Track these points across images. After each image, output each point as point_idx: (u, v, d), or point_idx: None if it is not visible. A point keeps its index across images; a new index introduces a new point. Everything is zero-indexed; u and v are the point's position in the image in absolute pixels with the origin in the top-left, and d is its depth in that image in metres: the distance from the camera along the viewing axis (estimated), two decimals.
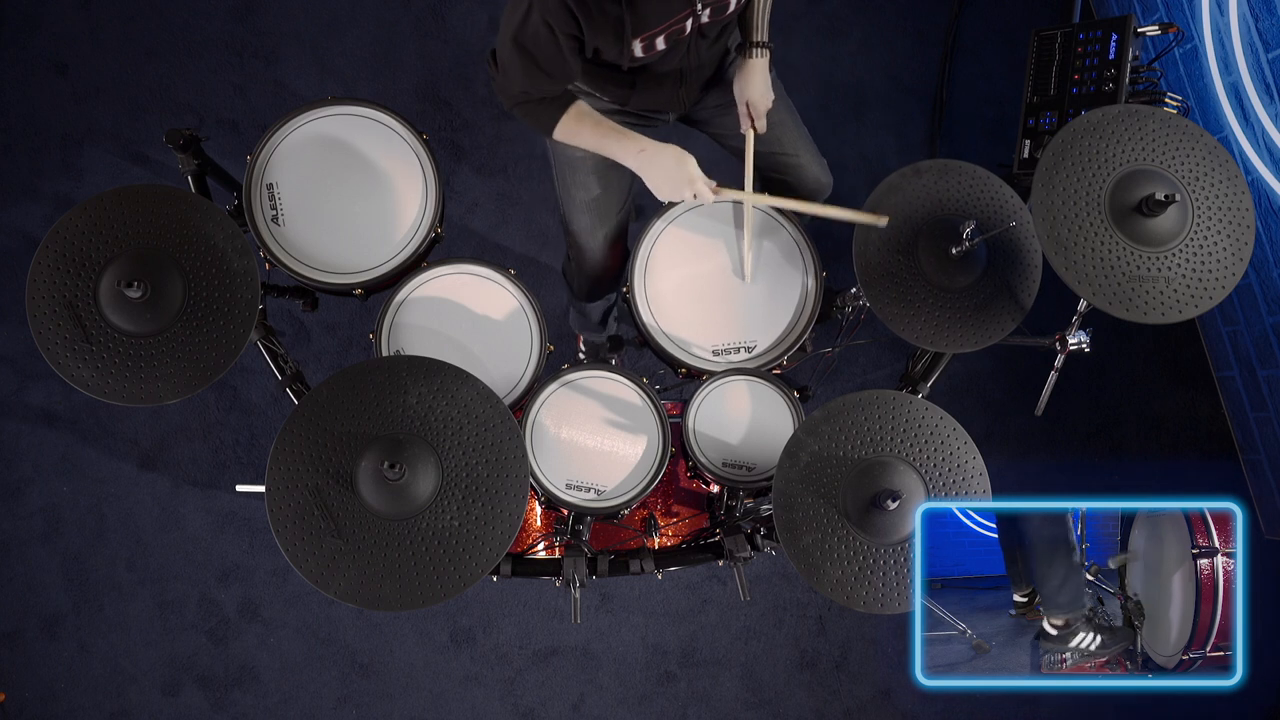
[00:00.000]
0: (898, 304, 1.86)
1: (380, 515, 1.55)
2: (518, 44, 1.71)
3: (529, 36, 1.68)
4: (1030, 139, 2.53)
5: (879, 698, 2.99)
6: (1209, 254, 1.69)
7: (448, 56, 3.14)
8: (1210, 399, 3.17)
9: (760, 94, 2.01)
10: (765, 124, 2.05)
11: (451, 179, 3.08)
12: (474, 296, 2.01)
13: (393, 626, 2.92)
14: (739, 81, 2.02)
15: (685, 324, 2.05)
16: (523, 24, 1.67)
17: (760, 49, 1.98)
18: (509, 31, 1.71)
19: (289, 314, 2.99)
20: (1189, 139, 1.73)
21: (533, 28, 1.67)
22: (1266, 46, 2.51)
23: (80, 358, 1.68)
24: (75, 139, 3.02)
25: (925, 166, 1.90)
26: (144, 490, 2.92)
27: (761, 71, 1.99)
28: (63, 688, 2.86)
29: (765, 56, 1.99)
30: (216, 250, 1.73)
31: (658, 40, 1.74)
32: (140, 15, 3.09)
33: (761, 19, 1.96)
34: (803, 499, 1.61)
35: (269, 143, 1.99)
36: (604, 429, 1.97)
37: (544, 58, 1.72)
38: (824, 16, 3.25)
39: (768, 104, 2.03)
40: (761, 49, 1.98)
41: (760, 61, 1.98)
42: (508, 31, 1.72)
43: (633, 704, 2.95)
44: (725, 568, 2.37)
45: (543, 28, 1.66)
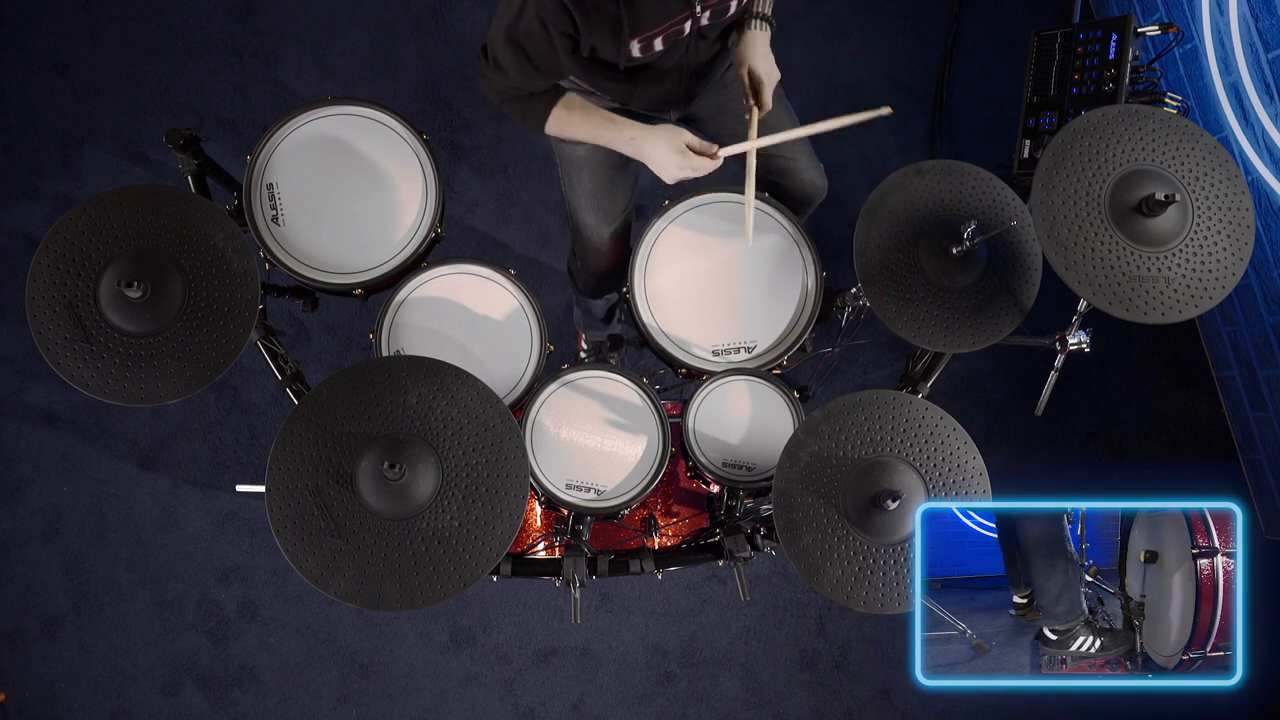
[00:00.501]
0: (898, 304, 1.86)
1: (380, 515, 1.55)
2: (510, 39, 1.70)
3: (522, 32, 1.68)
4: (1030, 139, 2.53)
5: (879, 698, 2.99)
6: (1209, 254, 1.69)
7: (448, 56, 3.14)
8: (1210, 399, 3.17)
9: (763, 66, 1.91)
10: (770, 101, 1.94)
11: (451, 179, 3.08)
12: (474, 296, 2.01)
13: (393, 626, 2.92)
14: (741, 52, 1.93)
15: (685, 324, 2.05)
16: (517, 19, 1.67)
17: (762, 21, 1.91)
18: (501, 26, 1.71)
19: (289, 314, 2.99)
20: (1189, 139, 1.73)
21: (526, 23, 1.66)
22: (1266, 46, 2.51)
23: (80, 358, 1.68)
24: (75, 139, 3.02)
25: (927, 166, 1.90)
26: (144, 490, 2.92)
27: (762, 43, 1.92)
28: (63, 688, 2.86)
29: (767, 30, 1.92)
30: (216, 250, 1.73)
31: (656, 41, 1.74)
32: (140, 15, 3.09)
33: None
34: (803, 499, 1.61)
35: (269, 143, 1.99)
36: (604, 429, 1.97)
37: (537, 54, 1.72)
38: (824, 16, 3.25)
39: (773, 78, 1.94)
40: (763, 21, 1.91)
41: (762, 34, 1.92)
42: (500, 26, 1.71)
43: (633, 704, 2.95)
44: (725, 568, 2.37)
45: (536, 24, 1.65)
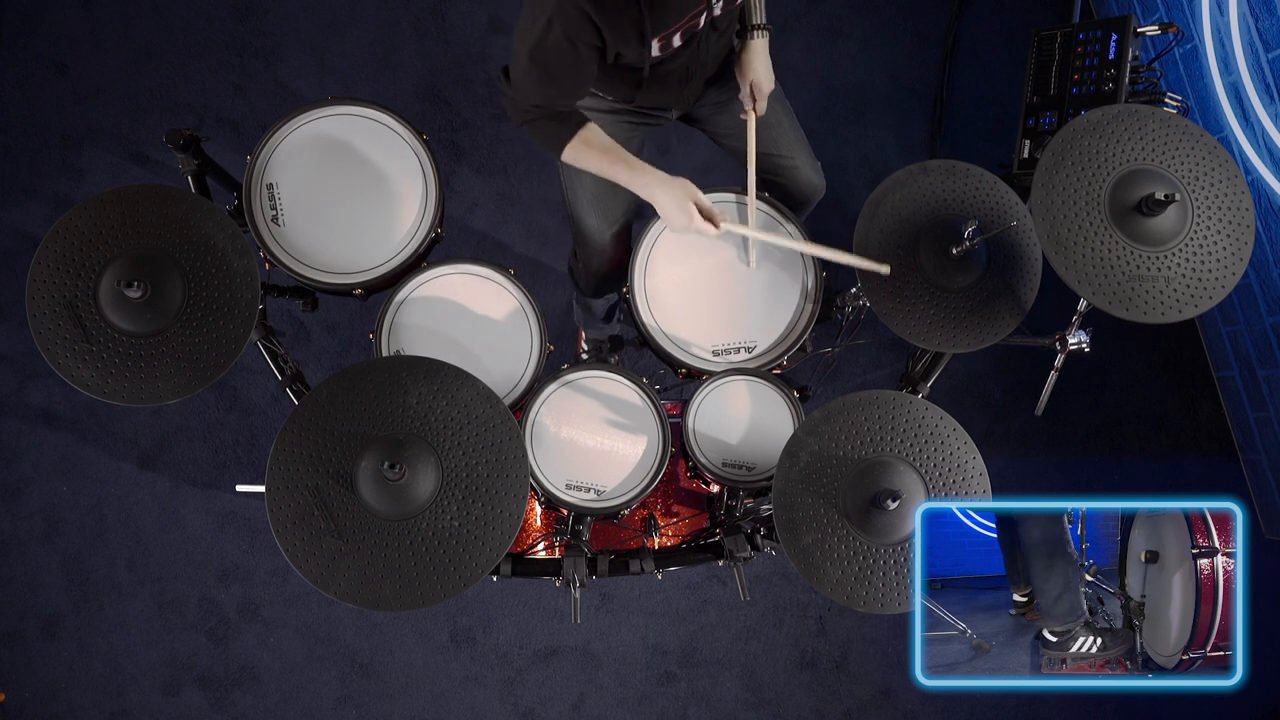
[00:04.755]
0: (898, 303, 1.86)
1: (380, 515, 1.55)
2: (534, 59, 1.69)
3: (548, 51, 1.66)
4: (1030, 139, 2.53)
5: (879, 698, 2.99)
6: (1209, 254, 1.69)
7: (448, 56, 3.14)
8: (1210, 399, 3.17)
9: (763, 75, 2.01)
10: (765, 106, 2.05)
11: (451, 179, 3.08)
12: (474, 296, 2.01)
13: (393, 626, 2.92)
14: (741, 63, 2.02)
15: (685, 324, 2.05)
16: (541, 39, 1.65)
17: (760, 31, 1.99)
18: (525, 46, 1.68)
19: (289, 314, 2.99)
20: (1189, 139, 1.73)
21: (553, 42, 1.64)
22: (1266, 46, 2.51)
23: (80, 358, 1.68)
24: (75, 139, 3.02)
25: (933, 165, 1.91)
26: (144, 490, 2.92)
27: (762, 52, 2.00)
28: (63, 688, 2.86)
29: (765, 38, 2.00)
30: (216, 250, 1.73)
31: (675, 37, 1.74)
32: (140, 15, 3.09)
33: (758, 1, 1.97)
34: (803, 499, 1.61)
35: (269, 143, 1.99)
36: (604, 429, 1.97)
37: (562, 72, 1.71)
38: (824, 17, 3.25)
39: (770, 86, 2.04)
40: (761, 31, 1.99)
41: (761, 43, 1.99)
42: (523, 46, 1.69)
43: (633, 704, 2.95)
44: (725, 568, 2.37)
45: (564, 41, 1.63)
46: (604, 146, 1.88)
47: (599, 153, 1.88)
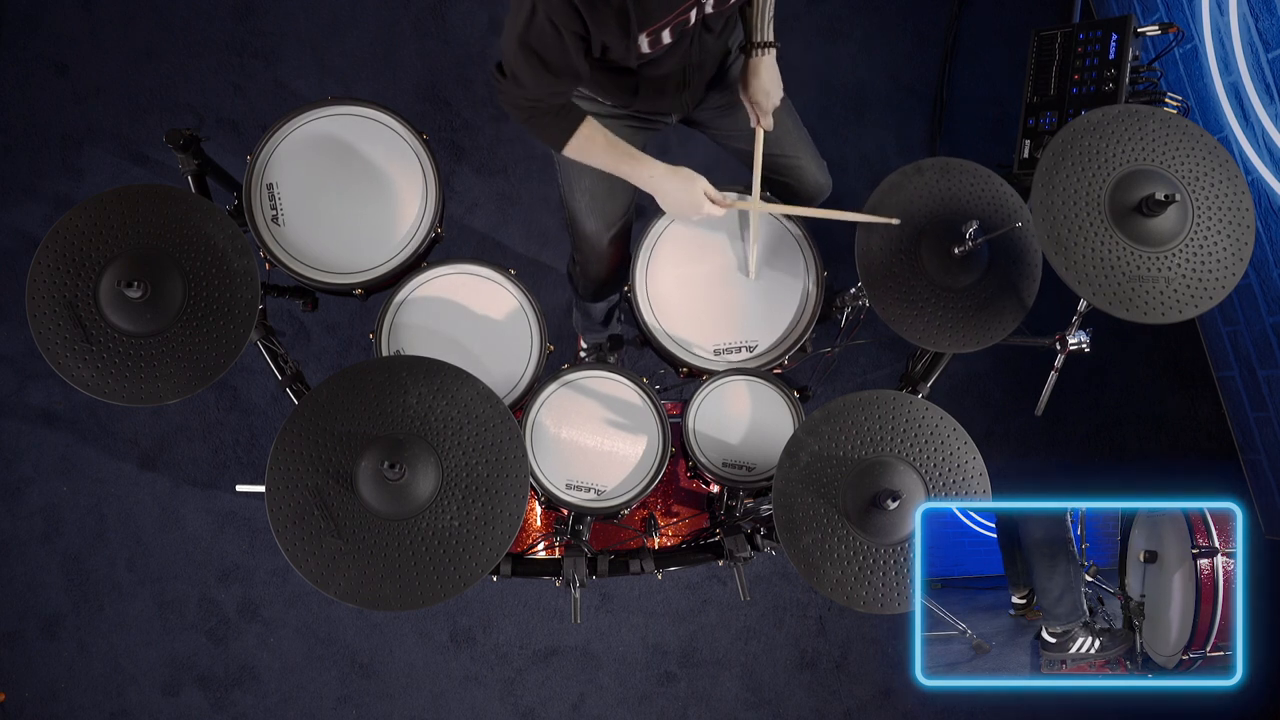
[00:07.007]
0: (899, 303, 1.86)
1: (380, 515, 1.55)
2: (524, 45, 1.69)
3: (535, 36, 1.67)
4: (1030, 139, 2.53)
5: (879, 698, 2.99)
6: (1209, 254, 1.69)
7: (448, 56, 3.14)
8: (1210, 399, 3.17)
9: (765, 92, 1.99)
10: (772, 121, 2.03)
11: (451, 179, 3.08)
12: (474, 296, 2.01)
13: (393, 626, 2.92)
14: (744, 80, 2.01)
15: (686, 323, 2.05)
16: (528, 25, 1.66)
17: (764, 48, 1.97)
18: (514, 34, 1.69)
19: (289, 314, 2.99)
20: (1189, 139, 1.73)
21: (538, 27, 1.65)
22: (1266, 46, 2.51)
23: (80, 358, 1.68)
24: (75, 139, 3.02)
25: (927, 165, 1.90)
26: (144, 490, 2.92)
27: (769, 69, 1.98)
28: (63, 688, 2.86)
29: (771, 54, 1.98)
30: (216, 250, 1.73)
31: (664, 34, 1.74)
32: (140, 15, 3.09)
33: (763, 18, 1.96)
34: (803, 499, 1.61)
35: (269, 143, 1.99)
36: (604, 429, 1.97)
37: (552, 58, 1.71)
38: (824, 17, 3.25)
39: (775, 101, 2.01)
40: (765, 48, 1.97)
41: (766, 59, 1.98)
42: (513, 34, 1.70)
43: (633, 704, 2.95)
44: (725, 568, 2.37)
45: (548, 26, 1.64)
46: (607, 140, 1.88)
47: (602, 147, 1.88)
